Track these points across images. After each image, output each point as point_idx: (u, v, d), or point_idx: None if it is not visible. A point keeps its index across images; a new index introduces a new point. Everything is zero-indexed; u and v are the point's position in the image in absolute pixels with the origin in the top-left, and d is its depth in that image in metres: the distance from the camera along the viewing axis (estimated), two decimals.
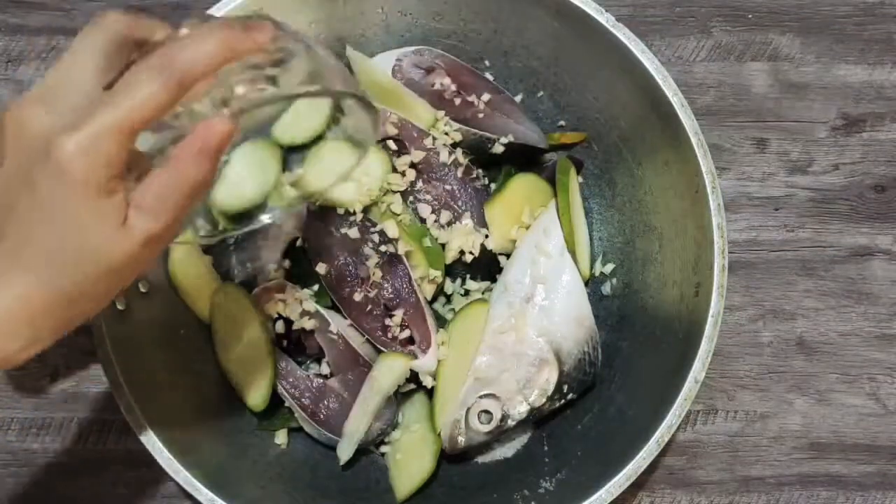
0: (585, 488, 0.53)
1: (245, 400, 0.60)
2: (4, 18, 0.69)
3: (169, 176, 0.36)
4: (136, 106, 0.34)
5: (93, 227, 0.35)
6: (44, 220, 0.35)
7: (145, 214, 0.36)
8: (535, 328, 0.59)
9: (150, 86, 0.34)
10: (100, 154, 0.34)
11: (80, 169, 0.34)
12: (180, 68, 0.34)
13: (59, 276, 0.36)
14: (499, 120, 0.63)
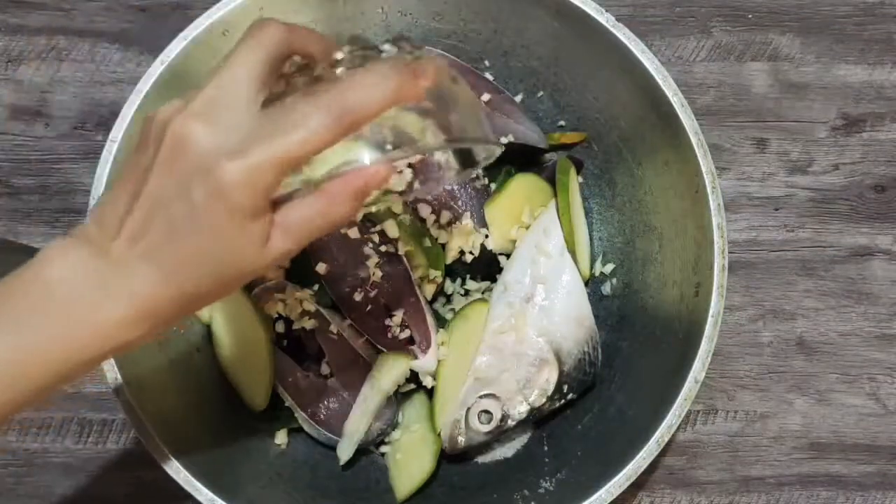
0: (585, 488, 0.53)
1: (245, 400, 0.60)
2: (4, 18, 0.69)
3: (319, 207, 0.37)
4: (301, 142, 0.35)
5: (238, 243, 0.37)
6: (192, 229, 0.36)
7: (286, 236, 0.38)
8: (535, 328, 0.59)
9: (318, 123, 0.35)
10: (260, 184, 0.35)
11: (240, 195, 0.35)
12: (351, 110, 0.35)
13: (190, 281, 0.37)
14: (499, 120, 0.63)
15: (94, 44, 0.69)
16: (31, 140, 0.68)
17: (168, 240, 0.37)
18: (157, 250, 0.37)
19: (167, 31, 0.58)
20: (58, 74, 0.68)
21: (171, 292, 0.37)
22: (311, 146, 0.35)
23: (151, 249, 0.37)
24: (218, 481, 0.54)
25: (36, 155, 0.67)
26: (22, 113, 0.68)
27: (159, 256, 0.37)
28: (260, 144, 0.35)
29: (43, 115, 0.68)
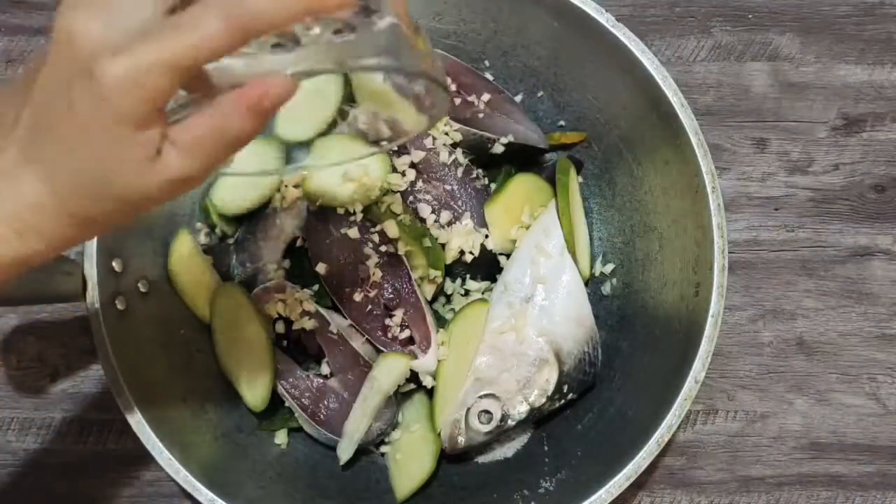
0: (585, 488, 0.53)
1: (245, 400, 0.60)
2: (4, 18, 0.69)
3: (213, 122, 0.34)
4: (193, 44, 0.31)
5: (122, 155, 0.33)
6: (75, 138, 0.33)
7: (180, 153, 0.34)
8: (535, 328, 0.59)
9: (213, 25, 0.31)
10: (145, 88, 0.32)
11: (122, 99, 0.32)
12: (250, 14, 0.31)
13: (72, 194, 0.34)
14: (499, 120, 0.63)
15: None
16: None
17: (48, 140, 0.34)
18: (38, 152, 0.34)
19: None
20: None
21: (53, 202, 0.34)
22: (206, 51, 0.32)
23: (34, 152, 0.34)
24: (218, 481, 0.54)
25: None
26: None
27: (40, 160, 0.34)
28: (148, 43, 0.31)
29: None
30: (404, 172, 0.61)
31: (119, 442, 0.63)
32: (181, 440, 0.55)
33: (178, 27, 0.31)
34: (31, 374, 0.64)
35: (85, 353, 0.64)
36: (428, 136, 0.61)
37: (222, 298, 0.61)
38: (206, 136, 0.34)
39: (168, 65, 0.31)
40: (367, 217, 0.61)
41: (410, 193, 0.61)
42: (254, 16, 0.31)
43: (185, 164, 0.34)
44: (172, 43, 0.31)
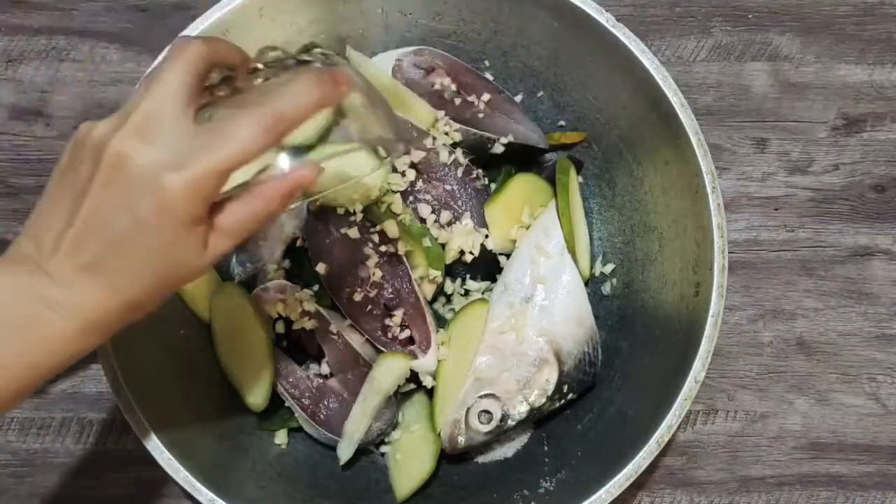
0: (585, 488, 0.53)
1: (245, 400, 0.60)
2: (4, 18, 0.69)
3: (253, 207, 0.40)
4: (237, 152, 0.38)
5: (182, 251, 0.39)
6: (137, 241, 0.38)
7: (224, 237, 0.40)
8: (535, 328, 0.59)
9: (251, 132, 0.38)
10: (202, 193, 0.38)
11: (183, 206, 0.38)
12: (281, 118, 0.39)
13: (135, 291, 0.40)
14: (499, 120, 0.63)
15: (94, 44, 0.69)
16: (31, 140, 0.68)
17: (112, 252, 0.38)
18: (100, 264, 0.38)
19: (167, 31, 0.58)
20: (58, 74, 0.68)
21: (117, 303, 0.39)
22: (247, 155, 0.38)
23: (94, 263, 0.38)
24: (218, 481, 0.54)
25: (36, 155, 0.67)
26: (22, 113, 0.68)
27: (103, 269, 0.39)
28: (199, 157, 0.38)
29: (43, 115, 0.68)
30: (404, 172, 0.61)
31: (119, 442, 0.63)
32: (181, 440, 0.55)
33: (223, 139, 0.38)
34: None
35: None
36: (428, 136, 0.61)
37: (222, 298, 0.61)
38: (246, 220, 0.40)
39: (219, 171, 0.38)
40: (367, 217, 0.61)
41: (410, 193, 0.61)
42: (283, 118, 0.39)
43: (228, 244, 0.41)
44: (221, 153, 0.38)
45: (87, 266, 0.39)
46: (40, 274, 0.39)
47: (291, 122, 0.39)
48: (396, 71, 0.62)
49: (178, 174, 0.37)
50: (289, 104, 0.39)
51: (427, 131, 0.62)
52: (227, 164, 0.38)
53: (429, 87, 0.63)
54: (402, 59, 0.62)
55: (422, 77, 0.63)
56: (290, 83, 0.40)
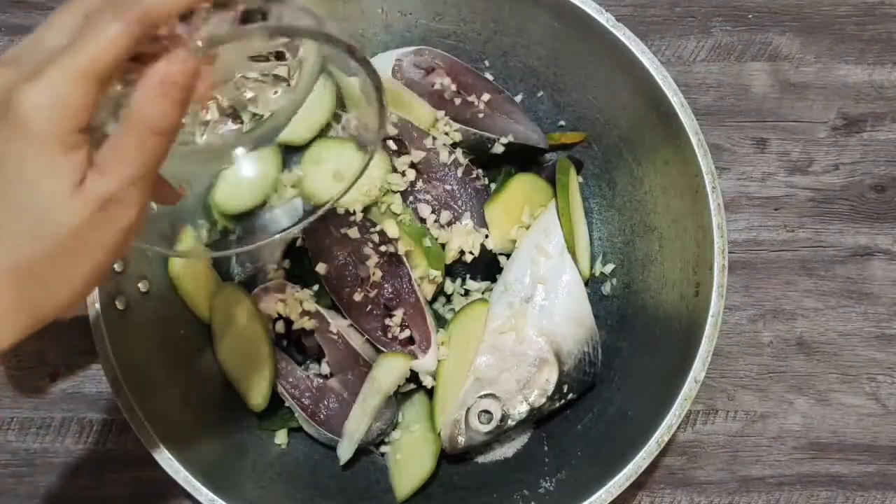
0: (585, 488, 0.53)
1: (245, 400, 0.60)
2: (4, 18, 0.69)
3: (126, 126, 0.32)
4: (97, 49, 0.31)
5: (47, 185, 0.32)
6: (5, 183, 0.32)
7: (101, 173, 0.32)
8: (535, 328, 0.59)
9: (110, 27, 0.31)
10: (61, 103, 0.31)
11: (39, 119, 0.31)
12: (141, 6, 0.32)
13: (13, 247, 0.33)
14: (499, 120, 0.63)
15: None
16: None
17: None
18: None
19: None
20: None
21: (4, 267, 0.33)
22: (110, 53, 0.31)
23: None
24: (218, 481, 0.54)
25: None
26: None
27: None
28: (56, 62, 0.31)
29: None
30: (404, 172, 0.61)
31: (119, 442, 0.63)
32: (181, 440, 0.55)
33: (76, 40, 0.31)
34: (31, 374, 0.64)
35: (85, 353, 0.64)
36: (428, 136, 0.61)
37: (222, 298, 0.61)
38: (121, 142, 0.33)
39: (77, 75, 0.31)
40: (367, 217, 0.61)
41: (410, 193, 0.61)
42: (144, 6, 0.32)
43: (105, 182, 0.32)
44: (75, 54, 0.31)
45: None
46: None
47: (155, 11, 0.32)
48: (396, 71, 0.62)
49: (31, 84, 0.31)
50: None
51: (427, 131, 0.62)
52: (86, 66, 0.31)
53: (429, 87, 0.63)
54: (402, 59, 0.62)
55: (422, 77, 0.63)
56: None
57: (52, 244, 0.33)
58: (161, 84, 0.32)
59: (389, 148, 0.61)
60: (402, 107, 0.61)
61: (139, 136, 0.32)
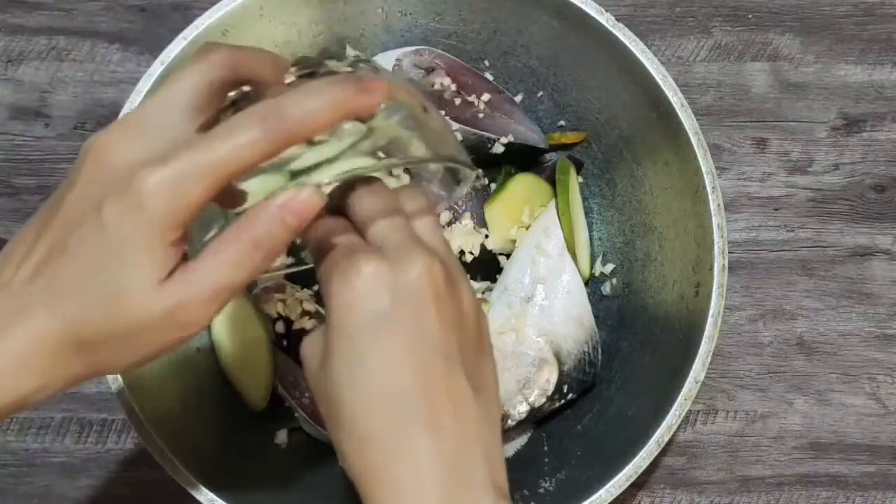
0: (585, 488, 0.53)
1: (245, 400, 0.60)
2: (4, 18, 0.69)
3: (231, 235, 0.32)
4: (231, 151, 0.31)
5: (137, 270, 0.32)
6: (92, 245, 0.32)
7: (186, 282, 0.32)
8: (535, 328, 0.59)
9: (250, 133, 0.31)
10: (183, 193, 0.31)
11: (158, 203, 0.31)
12: (286, 120, 0.31)
13: (77, 309, 0.32)
14: (499, 120, 0.63)
15: (94, 44, 0.69)
16: (31, 140, 0.68)
17: (63, 259, 0.32)
18: (56, 278, 0.32)
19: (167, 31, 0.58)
20: (58, 74, 0.68)
21: (56, 325, 0.32)
22: (243, 158, 0.31)
23: (53, 279, 0.32)
24: (218, 481, 0.54)
25: (36, 155, 0.67)
26: (22, 113, 0.68)
27: (57, 285, 0.32)
28: (183, 154, 0.31)
29: (43, 115, 0.68)
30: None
31: (119, 442, 0.63)
32: (181, 440, 0.55)
33: (213, 136, 0.31)
34: None
35: None
36: None
37: None
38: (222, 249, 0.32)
39: (206, 171, 0.31)
40: None
41: None
42: (288, 121, 0.31)
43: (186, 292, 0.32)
44: (209, 152, 0.31)
45: (45, 282, 0.32)
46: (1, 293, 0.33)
47: (300, 126, 0.31)
48: (396, 71, 0.62)
49: (156, 169, 0.31)
50: (296, 108, 0.31)
51: None
52: (214, 165, 0.31)
53: (429, 87, 0.63)
54: (402, 59, 0.62)
55: (422, 77, 0.63)
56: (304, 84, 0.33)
57: (112, 328, 0.32)
58: (282, 208, 0.32)
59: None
60: None
61: (241, 248, 0.32)
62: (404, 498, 0.32)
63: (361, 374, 0.33)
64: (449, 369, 0.33)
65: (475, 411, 0.33)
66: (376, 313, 0.33)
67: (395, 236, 0.34)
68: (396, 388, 0.33)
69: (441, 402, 0.33)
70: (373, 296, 0.33)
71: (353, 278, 0.33)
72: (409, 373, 0.33)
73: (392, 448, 0.33)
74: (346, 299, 0.33)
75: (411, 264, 0.33)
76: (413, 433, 0.32)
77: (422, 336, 0.33)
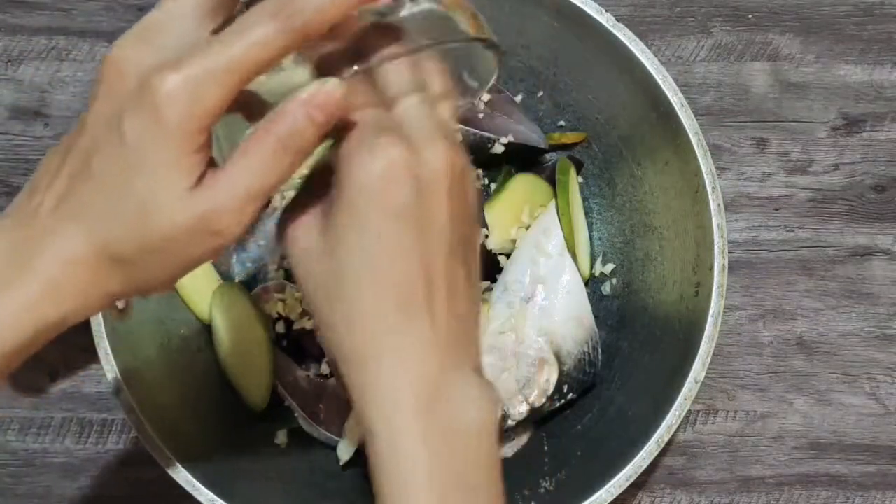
0: (585, 488, 0.53)
1: (245, 400, 0.60)
2: (4, 18, 0.69)
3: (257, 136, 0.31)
4: (247, 49, 0.30)
5: (163, 181, 0.31)
6: (117, 161, 0.31)
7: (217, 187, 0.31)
8: (535, 328, 0.59)
9: (265, 28, 0.30)
10: (201, 97, 0.30)
11: (176, 110, 0.30)
12: (301, 11, 0.30)
13: (110, 228, 0.32)
14: (499, 120, 0.63)
15: (94, 44, 0.69)
16: (31, 140, 0.68)
17: (88, 179, 0.32)
18: (75, 196, 0.32)
19: None
20: (58, 74, 0.68)
21: (89, 245, 0.32)
22: (261, 56, 0.30)
23: (77, 204, 0.32)
24: (218, 481, 0.54)
25: (36, 155, 0.67)
26: (22, 113, 0.68)
27: (77, 202, 0.32)
28: (198, 55, 0.30)
29: (43, 115, 0.68)
30: None
31: (119, 442, 0.63)
32: (181, 440, 0.55)
33: (227, 35, 0.30)
34: (31, 374, 0.64)
35: (84, 352, 0.64)
36: None
37: (222, 298, 0.61)
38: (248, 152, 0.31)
39: (222, 72, 0.30)
40: None
41: None
42: (304, 12, 0.30)
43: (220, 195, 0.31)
44: (224, 50, 0.30)
45: (70, 210, 0.32)
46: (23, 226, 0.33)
47: (315, 18, 0.30)
48: None
49: (169, 74, 0.30)
50: None
51: None
52: (232, 64, 0.30)
53: None
54: None
55: None
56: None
57: (144, 242, 0.32)
58: (307, 104, 0.31)
59: None
60: None
61: (268, 148, 0.31)
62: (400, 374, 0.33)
63: (371, 255, 0.33)
64: (450, 259, 0.34)
65: (468, 294, 0.35)
66: (396, 200, 0.32)
67: (420, 120, 0.34)
68: (402, 275, 0.33)
69: (440, 291, 0.33)
70: (396, 183, 0.32)
71: (379, 161, 0.32)
72: (415, 261, 0.33)
73: (385, 334, 0.33)
74: (369, 181, 0.32)
75: (435, 155, 0.33)
76: (410, 325, 0.33)
77: (431, 226, 0.33)
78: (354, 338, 0.34)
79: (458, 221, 0.34)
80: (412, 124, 0.34)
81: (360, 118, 0.33)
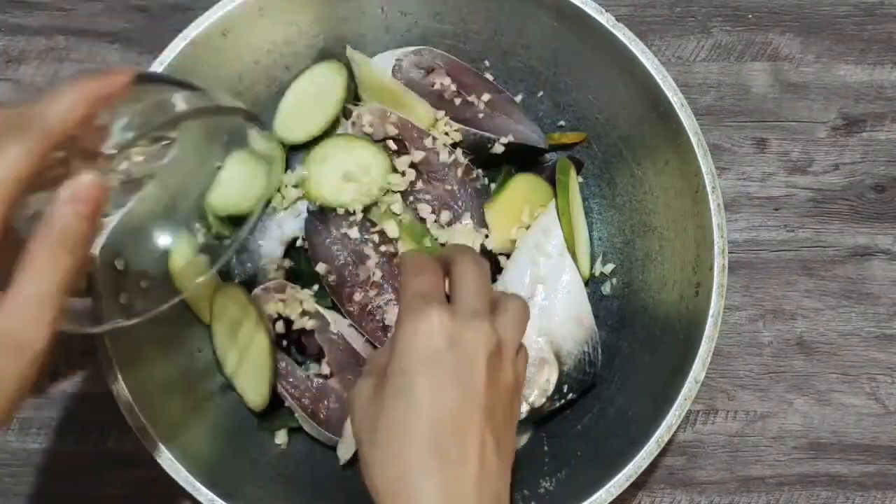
0: (585, 488, 0.53)
1: (245, 400, 0.60)
2: (4, 18, 0.69)
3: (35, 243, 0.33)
4: (3, 173, 0.32)
5: None
6: None
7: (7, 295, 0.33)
8: (535, 328, 0.59)
9: (12, 150, 0.32)
10: None
11: None
12: (42, 124, 0.33)
13: None
14: (499, 120, 0.63)
15: (94, 44, 0.69)
16: None
17: None
18: None
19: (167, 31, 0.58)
20: (58, 74, 0.68)
21: None
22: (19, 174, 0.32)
23: None
24: (218, 481, 0.54)
25: None
26: None
27: None
28: None
29: None
30: (404, 172, 0.61)
31: (119, 442, 0.63)
32: (181, 440, 0.55)
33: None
34: None
35: (85, 353, 0.64)
36: (428, 136, 0.61)
37: (222, 298, 0.61)
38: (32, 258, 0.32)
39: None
40: (367, 217, 0.61)
41: (410, 193, 0.61)
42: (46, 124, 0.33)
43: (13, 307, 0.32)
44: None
45: None
46: None
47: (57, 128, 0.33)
48: (396, 71, 0.62)
49: None
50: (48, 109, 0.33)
51: (427, 131, 0.62)
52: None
53: (429, 87, 0.63)
54: (402, 59, 0.62)
55: (422, 77, 0.63)
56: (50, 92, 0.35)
57: None
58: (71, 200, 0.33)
59: (389, 148, 0.61)
60: (403, 107, 0.61)
61: (49, 251, 0.33)
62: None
63: (407, 403, 0.37)
64: (483, 420, 0.37)
65: (496, 464, 0.37)
66: (431, 353, 0.37)
67: (474, 303, 0.40)
68: (434, 423, 0.36)
69: (471, 447, 0.37)
70: (432, 338, 0.37)
71: (421, 323, 0.38)
72: (448, 412, 0.37)
73: (418, 474, 0.36)
74: (409, 339, 0.38)
75: (474, 327, 0.38)
76: (441, 468, 0.36)
77: (466, 385, 0.37)
78: (385, 480, 0.38)
79: (493, 391, 0.38)
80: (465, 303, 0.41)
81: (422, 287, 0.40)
